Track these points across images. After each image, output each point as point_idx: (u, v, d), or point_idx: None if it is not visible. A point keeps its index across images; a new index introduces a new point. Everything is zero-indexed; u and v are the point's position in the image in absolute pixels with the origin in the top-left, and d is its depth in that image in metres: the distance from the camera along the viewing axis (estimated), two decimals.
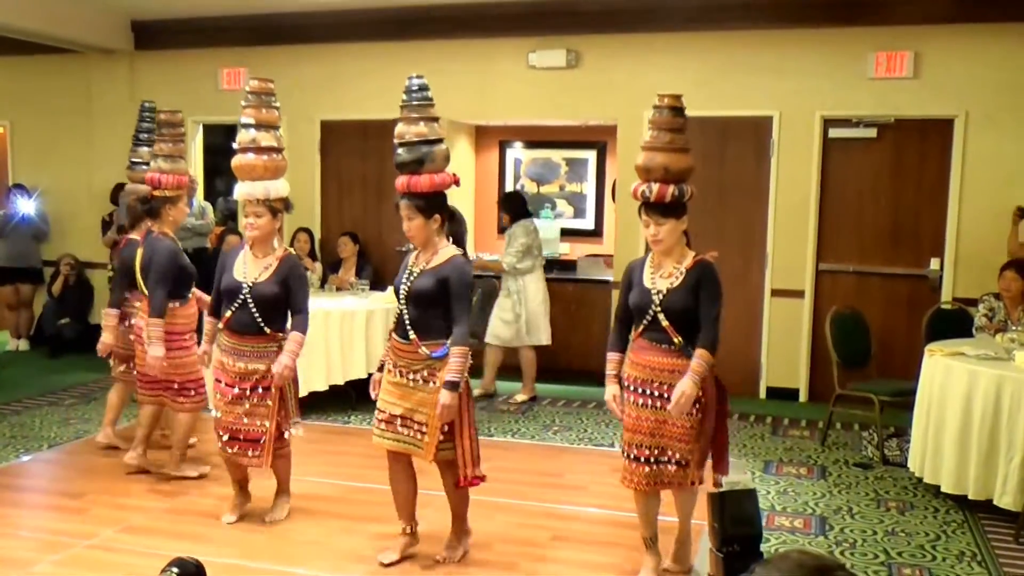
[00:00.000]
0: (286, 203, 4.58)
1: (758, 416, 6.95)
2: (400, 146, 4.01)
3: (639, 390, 3.84)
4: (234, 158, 4.48)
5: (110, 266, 8.55)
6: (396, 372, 4.00)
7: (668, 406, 3.73)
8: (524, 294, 7.18)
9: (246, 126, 4.44)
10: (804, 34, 7.26)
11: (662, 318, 3.76)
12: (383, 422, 4.03)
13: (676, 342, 3.75)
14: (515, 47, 7.85)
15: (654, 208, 3.79)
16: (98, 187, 8.90)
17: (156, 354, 4.94)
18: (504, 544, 4.43)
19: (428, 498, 4.19)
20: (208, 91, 8.64)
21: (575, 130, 8.84)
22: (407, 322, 3.96)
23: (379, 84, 7.90)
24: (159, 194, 5.18)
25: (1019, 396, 4.69)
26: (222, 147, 7.13)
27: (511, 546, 4.42)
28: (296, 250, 7.55)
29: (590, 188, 9.06)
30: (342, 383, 6.69)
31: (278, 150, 4.49)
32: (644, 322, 3.82)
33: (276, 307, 4.42)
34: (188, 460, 5.33)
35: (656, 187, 3.77)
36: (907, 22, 6.98)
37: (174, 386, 5.12)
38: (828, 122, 7.27)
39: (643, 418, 3.82)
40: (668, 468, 3.81)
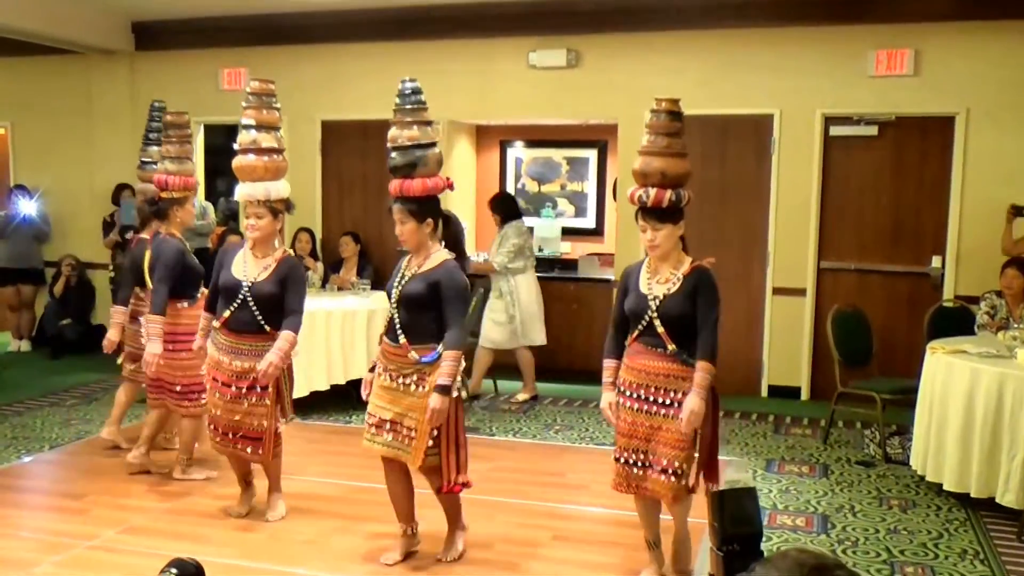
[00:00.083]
0: (287, 204, 4.59)
1: (760, 414, 6.95)
2: (393, 150, 4.01)
3: (634, 395, 3.82)
4: (235, 159, 4.48)
5: (111, 267, 8.59)
6: (386, 376, 3.99)
7: (663, 411, 3.73)
8: (517, 295, 7.17)
9: (247, 127, 4.45)
10: (804, 32, 7.25)
11: (658, 324, 3.74)
12: (373, 426, 4.03)
13: (670, 348, 3.74)
14: (515, 47, 7.85)
15: (651, 213, 3.78)
16: (99, 188, 8.91)
17: (154, 351, 4.92)
18: (505, 544, 4.43)
19: (428, 498, 4.19)
20: (209, 91, 8.64)
21: (576, 129, 8.84)
22: (398, 326, 3.95)
23: (380, 84, 7.85)
24: (166, 196, 5.19)
25: (1021, 394, 4.68)
26: (223, 147, 7.12)
27: (512, 546, 4.42)
28: (297, 250, 7.58)
29: (591, 187, 9.06)
30: (343, 383, 6.69)
31: (279, 151, 4.50)
32: (639, 327, 3.81)
33: (276, 306, 4.42)
34: (195, 463, 5.32)
35: (653, 192, 3.75)
36: (908, 20, 6.97)
37: (176, 388, 5.09)
38: (829, 120, 7.26)
39: (638, 423, 3.81)
40: (654, 475, 3.77)
